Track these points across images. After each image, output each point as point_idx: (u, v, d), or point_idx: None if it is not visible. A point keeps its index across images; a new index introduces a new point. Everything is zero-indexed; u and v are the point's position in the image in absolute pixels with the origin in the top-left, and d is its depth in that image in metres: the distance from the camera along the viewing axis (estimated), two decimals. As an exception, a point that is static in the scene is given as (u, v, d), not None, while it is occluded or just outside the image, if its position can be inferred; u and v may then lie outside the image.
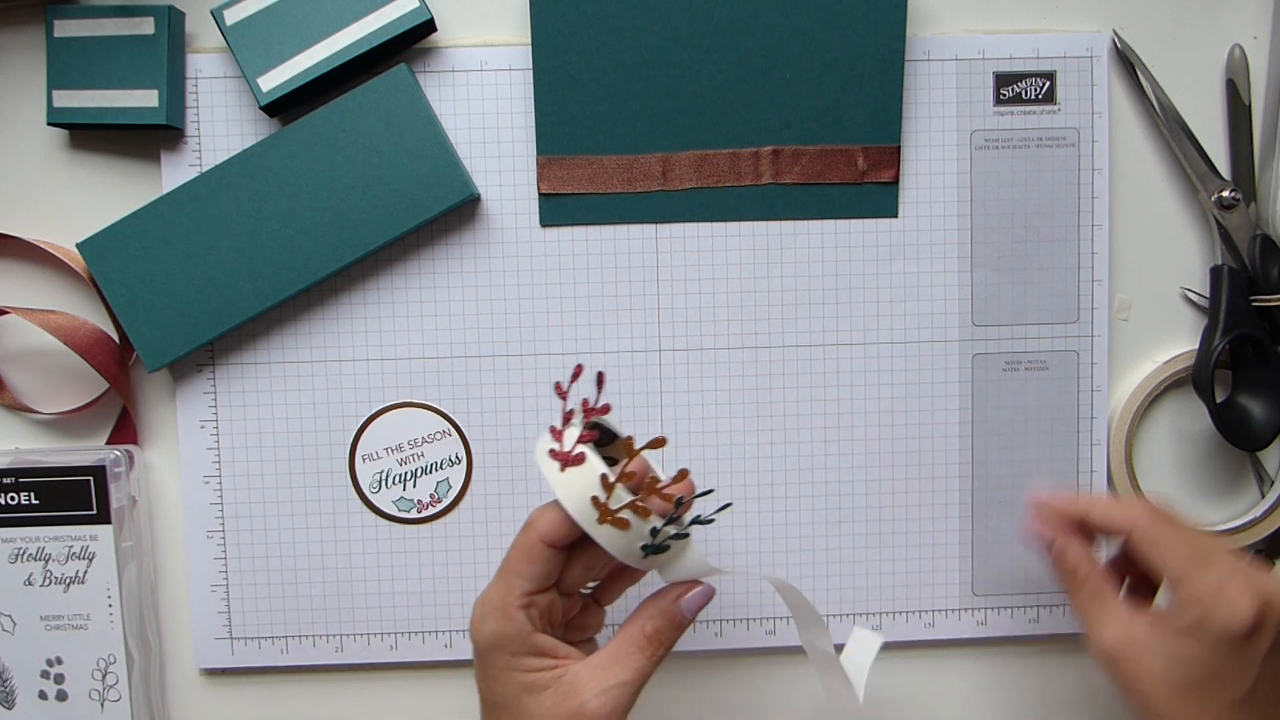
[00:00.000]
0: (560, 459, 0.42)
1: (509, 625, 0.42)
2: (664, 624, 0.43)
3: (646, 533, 0.41)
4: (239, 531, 0.55)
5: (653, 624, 0.43)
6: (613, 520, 0.41)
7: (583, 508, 0.41)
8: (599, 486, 0.41)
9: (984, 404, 0.56)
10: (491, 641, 0.42)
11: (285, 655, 0.56)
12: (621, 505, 0.41)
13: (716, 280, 0.55)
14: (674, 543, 0.42)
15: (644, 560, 0.42)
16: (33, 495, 0.53)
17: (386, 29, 0.51)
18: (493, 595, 0.43)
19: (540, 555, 0.42)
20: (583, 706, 0.41)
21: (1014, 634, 0.57)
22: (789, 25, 0.52)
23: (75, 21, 0.51)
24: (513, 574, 0.42)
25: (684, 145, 0.54)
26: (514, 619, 0.42)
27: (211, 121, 0.53)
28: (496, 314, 0.55)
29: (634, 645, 0.42)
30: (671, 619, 0.43)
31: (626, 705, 0.42)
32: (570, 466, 0.42)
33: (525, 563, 0.42)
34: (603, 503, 0.41)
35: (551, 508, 0.43)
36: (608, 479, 0.41)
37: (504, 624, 0.42)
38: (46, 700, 0.54)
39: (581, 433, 0.42)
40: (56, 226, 0.54)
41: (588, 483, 0.41)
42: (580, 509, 0.41)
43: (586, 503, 0.41)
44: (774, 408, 0.55)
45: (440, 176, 0.52)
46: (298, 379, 0.55)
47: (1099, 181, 0.55)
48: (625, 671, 0.42)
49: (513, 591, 0.42)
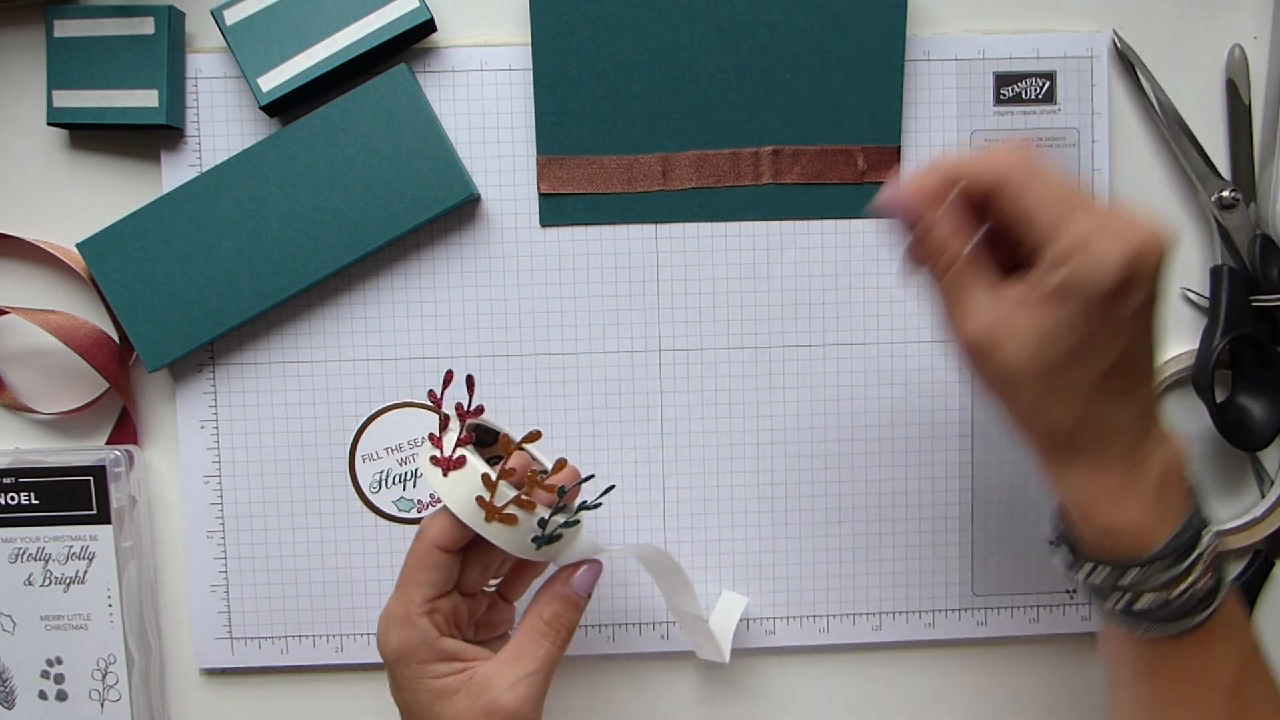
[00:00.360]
0: (442, 464, 0.42)
1: (413, 634, 0.42)
2: (560, 607, 0.43)
3: (534, 525, 0.42)
4: (239, 531, 0.55)
5: (550, 609, 0.43)
6: (500, 517, 0.42)
7: (469, 509, 0.42)
8: (481, 486, 0.42)
9: (984, 404, 0.56)
10: (398, 652, 0.42)
11: (285, 655, 0.56)
12: (506, 501, 0.42)
13: (716, 280, 0.55)
14: (565, 531, 0.43)
15: (538, 552, 0.43)
16: (33, 495, 0.53)
17: (386, 29, 0.51)
18: (394, 607, 0.43)
19: (435, 561, 0.43)
20: (494, 702, 0.41)
21: (1014, 634, 0.57)
22: (789, 25, 0.52)
23: (75, 21, 0.51)
24: (411, 583, 0.43)
25: (684, 145, 0.54)
26: (417, 627, 0.42)
27: (211, 121, 0.53)
28: (496, 314, 0.55)
29: (536, 634, 0.43)
30: (567, 600, 0.44)
31: (538, 694, 0.42)
32: (452, 470, 0.42)
33: (422, 570, 0.43)
34: (488, 501, 0.42)
35: (442, 513, 0.43)
36: (489, 478, 0.42)
37: (408, 633, 0.42)
38: (46, 700, 0.54)
39: (460, 435, 0.43)
40: (56, 226, 0.54)
41: (471, 484, 0.42)
42: (467, 510, 0.42)
43: (472, 503, 0.42)
44: (774, 408, 0.55)
45: (440, 176, 0.52)
46: (298, 379, 0.55)
47: (1099, 181, 0.55)
48: (532, 661, 0.42)
49: (413, 600, 0.42)
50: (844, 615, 0.56)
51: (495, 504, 0.42)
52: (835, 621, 0.56)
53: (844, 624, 0.56)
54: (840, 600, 0.56)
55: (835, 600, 0.56)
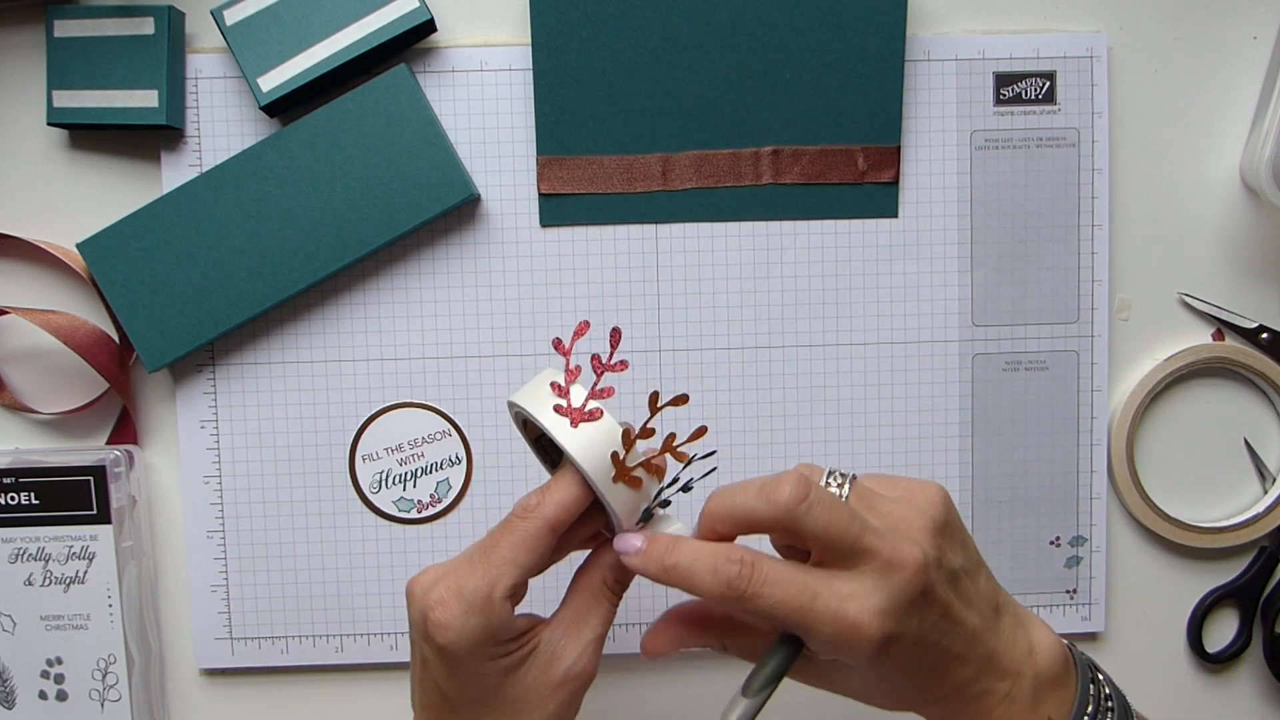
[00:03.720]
0: (572, 415, 0.39)
1: (495, 620, 0.39)
2: (623, 575, 0.42)
3: (653, 494, 0.40)
4: (239, 531, 0.55)
5: (613, 575, 0.42)
6: (628, 479, 0.39)
7: (600, 465, 0.39)
8: (619, 441, 0.39)
9: (984, 404, 0.56)
10: (477, 639, 0.39)
11: (285, 655, 0.55)
12: (637, 463, 0.39)
13: (716, 280, 0.55)
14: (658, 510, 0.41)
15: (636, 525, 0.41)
16: (33, 495, 0.53)
17: (386, 29, 0.51)
18: (477, 587, 0.39)
19: (543, 544, 0.40)
20: (569, 670, 0.41)
21: (1014, 634, 0.57)
22: (789, 25, 0.52)
23: (75, 21, 0.51)
24: (507, 563, 0.39)
25: (684, 145, 0.54)
26: (500, 612, 0.39)
27: (211, 121, 0.53)
28: (496, 314, 0.55)
29: (598, 597, 0.42)
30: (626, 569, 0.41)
31: (599, 654, 0.42)
32: (584, 422, 0.39)
33: (524, 551, 0.40)
34: (622, 459, 0.39)
35: (557, 488, 0.40)
36: (631, 433, 0.39)
37: (491, 619, 0.39)
38: (46, 700, 0.54)
39: (596, 387, 0.40)
40: (56, 226, 0.54)
41: (607, 439, 0.39)
42: (597, 466, 0.39)
43: (605, 460, 0.39)
44: (774, 408, 0.55)
45: (440, 176, 0.52)
46: (298, 379, 0.55)
47: (1099, 181, 0.55)
48: (597, 625, 0.42)
49: (502, 582, 0.39)
50: (844, 615, 0.56)
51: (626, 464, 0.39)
52: (835, 621, 0.56)
53: (844, 624, 0.56)
54: (840, 600, 0.56)
55: (835, 600, 0.56)
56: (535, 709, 0.40)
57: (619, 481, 0.39)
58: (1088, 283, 0.56)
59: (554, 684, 0.40)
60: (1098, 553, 0.56)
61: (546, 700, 0.41)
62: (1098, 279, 0.55)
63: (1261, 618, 0.57)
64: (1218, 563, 0.58)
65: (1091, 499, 0.56)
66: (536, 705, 0.40)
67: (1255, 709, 0.59)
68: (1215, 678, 0.58)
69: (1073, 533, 0.56)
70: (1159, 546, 0.57)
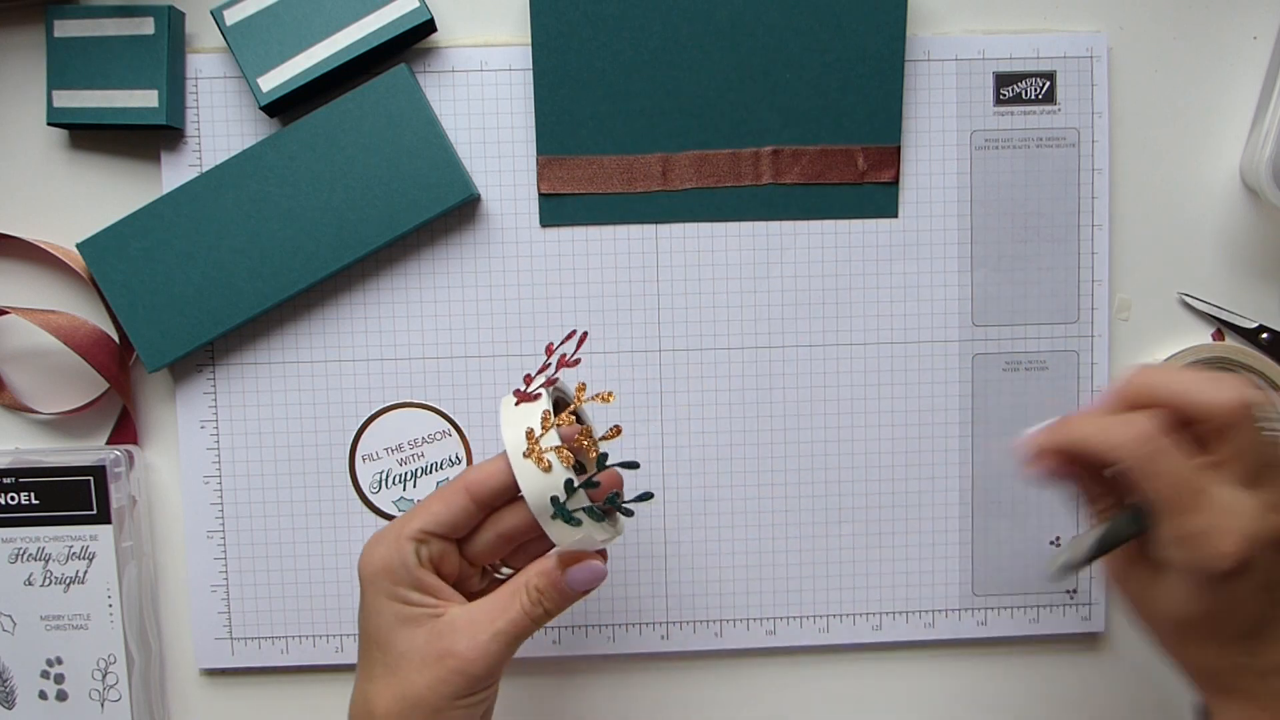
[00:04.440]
0: (520, 396, 0.43)
1: (394, 554, 0.42)
2: (547, 586, 0.42)
3: (562, 484, 0.41)
4: (239, 531, 0.55)
5: (536, 582, 0.42)
6: (537, 456, 0.41)
7: (517, 439, 0.41)
8: (538, 419, 0.42)
9: (984, 404, 0.56)
10: (376, 568, 0.42)
11: (285, 655, 0.56)
12: (552, 446, 0.41)
13: (716, 280, 0.55)
14: (586, 520, 0.42)
15: (551, 521, 0.42)
16: (33, 495, 0.53)
17: (386, 29, 0.51)
18: (391, 526, 0.43)
19: (454, 500, 0.42)
20: (452, 647, 0.41)
21: (1014, 634, 0.57)
22: (789, 25, 0.52)
23: (75, 21, 0.51)
24: (418, 511, 0.43)
25: (684, 145, 0.54)
26: (402, 549, 0.42)
27: (211, 121, 0.53)
28: (496, 314, 0.55)
29: (515, 599, 0.42)
30: (555, 584, 0.42)
31: (499, 654, 0.41)
32: (524, 402, 0.42)
33: (437, 502, 0.42)
34: (535, 436, 0.41)
35: (489, 460, 0.43)
36: (549, 415, 0.41)
37: (390, 551, 0.42)
38: (46, 700, 0.54)
39: (549, 376, 0.43)
40: (56, 226, 0.54)
41: (531, 418, 0.42)
42: (515, 440, 0.41)
43: (521, 434, 0.41)
44: (774, 408, 0.55)
45: (440, 176, 0.52)
46: (298, 379, 0.55)
47: (1099, 181, 0.55)
48: (502, 622, 0.41)
49: (409, 524, 0.42)
50: (844, 615, 0.56)
51: (541, 442, 0.41)
52: (835, 621, 0.56)
53: (844, 624, 0.56)
54: (840, 600, 0.56)
55: (835, 600, 0.56)
56: (413, 672, 0.41)
57: (529, 458, 0.41)
58: (1088, 283, 0.56)
59: (434, 655, 0.41)
60: (1098, 553, 0.56)
61: (424, 668, 0.41)
62: (1098, 279, 0.55)
63: (1262, 618, 0.57)
64: (1218, 563, 0.58)
65: (1091, 499, 0.56)
66: (415, 669, 0.41)
67: (1255, 709, 0.59)
68: (1215, 678, 0.58)
69: (1073, 533, 0.56)
70: (1159, 546, 0.57)
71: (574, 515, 0.42)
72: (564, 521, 0.42)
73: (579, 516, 0.42)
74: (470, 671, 0.41)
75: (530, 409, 0.42)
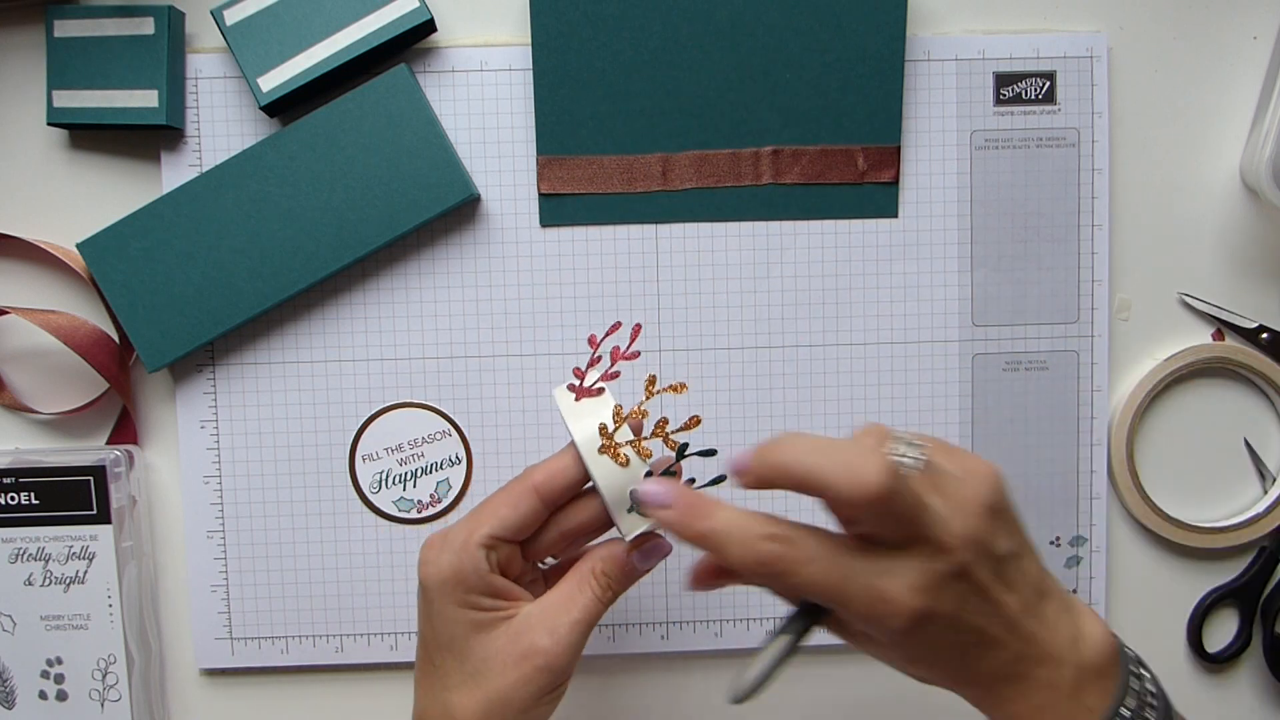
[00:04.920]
0: (578, 391, 0.42)
1: (467, 561, 0.41)
2: (613, 568, 0.42)
3: (641, 478, 0.41)
4: (239, 531, 0.55)
5: (602, 565, 0.42)
6: (613, 453, 0.41)
7: (589, 436, 0.41)
8: (610, 416, 0.41)
9: (984, 404, 0.56)
10: (446, 577, 0.41)
11: (285, 655, 0.56)
12: (628, 440, 0.41)
13: (716, 280, 0.55)
14: None
15: (627, 515, 0.41)
16: (33, 495, 0.53)
17: (386, 29, 0.51)
18: (455, 531, 0.42)
19: (524, 503, 0.42)
20: (534, 645, 0.40)
21: (1014, 634, 0.57)
22: (789, 25, 0.52)
23: (75, 21, 0.51)
24: (488, 515, 0.42)
25: (684, 145, 0.54)
26: (474, 555, 0.41)
27: (211, 121, 0.53)
28: (496, 314, 0.55)
29: (584, 585, 0.42)
30: (621, 565, 0.42)
31: (577, 644, 0.41)
32: (586, 398, 0.42)
33: (506, 506, 0.42)
34: (609, 432, 0.41)
35: (554, 458, 0.42)
36: (620, 410, 0.41)
37: (462, 559, 0.41)
38: (46, 700, 0.54)
39: (606, 372, 0.42)
40: (56, 226, 0.54)
41: (601, 413, 0.41)
42: (586, 437, 0.41)
43: (594, 430, 0.41)
44: (774, 408, 0.55)
45: (440, 176, 0.52)
46: (298, 379, 0.55)
47: (1099, 181, 0.55)
48: (575, 610, 0.41)
49: (479, 530, 0.41)
50: (844, 615, 0.56)
51: (616, 438, 0.41)
52: (835, 621, 0.56)
53: (844, 624, 0.56)
54: (840, 600, 0.56)
55: (835, 600, 0.56)
56: (496, 676, 0.40)
57: (604, 454, 0.41)
58: (1088, 283, 0.56)
59: (518, 656, 0.40)
60: (1098, 553, 0.56)
61: (508, 670, 0.40)
62: (1098, 279, 0.55)
63: (1261, 618, 0.57)
64: (1218, 563, 0.58)
65: (1091, 499, 0.56)
66: (498, 672, 0.40)
67: (1255, 709, 0.59)
68: (1215, 678, 0.58)
69: (1073, 533, 0.56)
70: (1159, 546, 0.58)
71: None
72: (640, 515, 0.41)
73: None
74: (555, 666, 0.40)
75: (596, 404, 0.42)
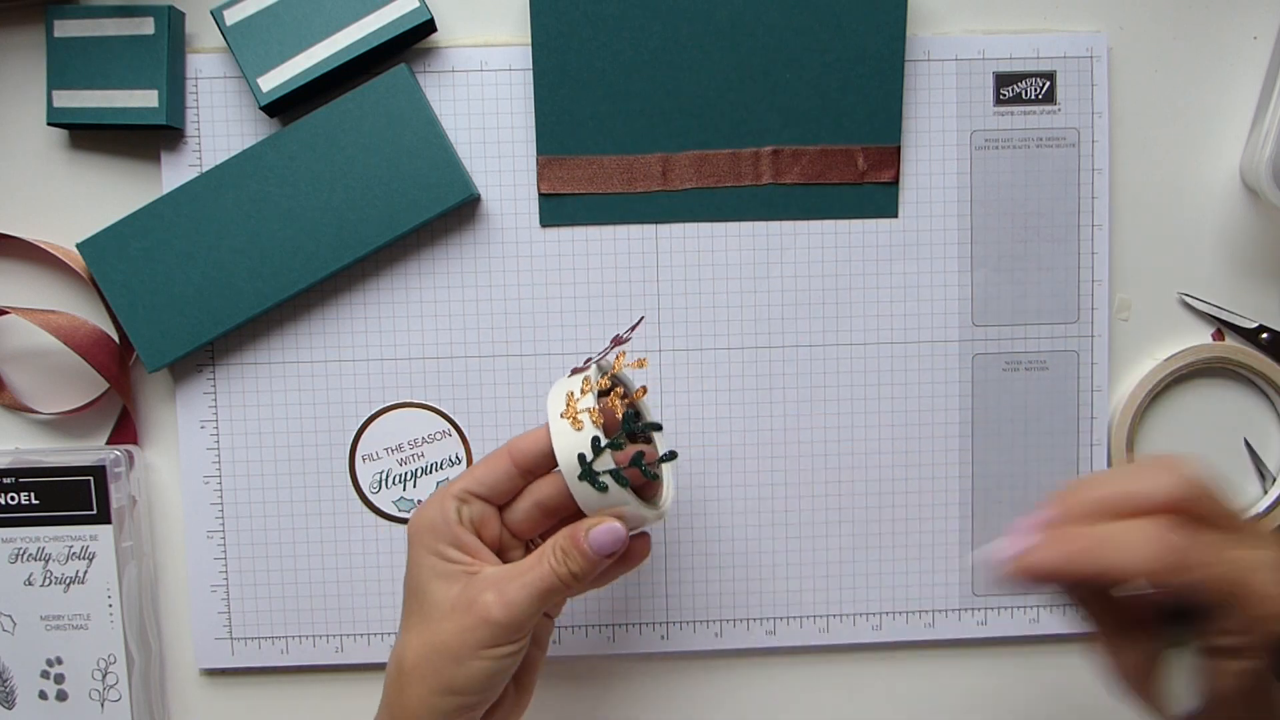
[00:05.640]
0: (573, 370, 0.45)
1: (437, 512, 0.44)
2: (570, 546, 0.43)
3: (588, 442, 0.42)
4: (239, 531, 0.55)
5: (561, 543, 0.43)
6: (572, 416, 0.43)
7: (558, 402, 0.44)
8: (579, 384, 0.44)
9: (984, 404, 0.56)
10: (420, 524, 0.44)
11: (285, 655, 0.56)
12: (585, 407, 0.43)
13: (716, 280, 0.55)
14: (612, 484, 0.42)
15: (578, 483, 0.42)
16: (33, 495, 0.53)
17: (386, 29, 0.51)
18: (436, 491, 0.46)
19: (496, 464, 0.44)
20: (479, 598, 0.42)
21: (1014, 634, 0.57)
22: (789, 25, 0.52)
23: (75, 21, 0.51)
24: (466, 473, 0.45)
25: (684, 145, 0.54)
26: (444, 507, 0.44)
27: (211, 121, 0.53)
28: (496, 314, 0.55)
29: (543, 556, 0.43)
30: (577, 544, 0.43)
31: (522, 606, 0.42)
32: (576, 373, 0.45)
33: (483, 466, 0.45)
34: (573, 397, 0.43)
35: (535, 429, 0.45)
36: (589, 380, 0.44)
37: (433, 510, 0.44)
38: (46, 700, 0.54)
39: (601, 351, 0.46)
40: (56, 226, 0.54)
41: (574, 384, 0.44)
42: (555, 403, 0.44)
43: (562, 397, 0.44)
44: (774, 408, 0.55)
45: (440, 176, 0.52)
46: (298, 379, 0.55)
47: (1099, 181, 0.55)
48: (527, 575, 0.43)
49: (454, 486, 0.44)
50: (844, 615, 0.56)
51: (577, 404, 0.43)
52: (835, 621, 0.56)
53: (844, 624, 0.56)
54: (840, 600, 0.56)
55: (835, 600, 0.56)
56: (441, 620, 0.43)
57: (564, 418, 0.43)
58: (1088, 283, 0.56)
59: (464, 605, 0.42)
60: (1098, 553, 0.56)
61: (452, 616, 0.42)
62: (1098, 279, 0.55)
63: (1261, 618, 0.57)
64: (1218, 563, 0.58)
65: (1091, 499, 0.56)
66: (444, 618, 0.43)
67: (1255, 709, 0.59)
68: (1215, 678, 0.58)
69: (1073, 533, 0.56)
70: (1159, 546, 0.57)
71: (599, 478, 0.42)
72: (590, 485, 0.42)
73: (604, 481, 0.42)
74: (494, 619, 0.42)
75: (575, 379, 0.44)
